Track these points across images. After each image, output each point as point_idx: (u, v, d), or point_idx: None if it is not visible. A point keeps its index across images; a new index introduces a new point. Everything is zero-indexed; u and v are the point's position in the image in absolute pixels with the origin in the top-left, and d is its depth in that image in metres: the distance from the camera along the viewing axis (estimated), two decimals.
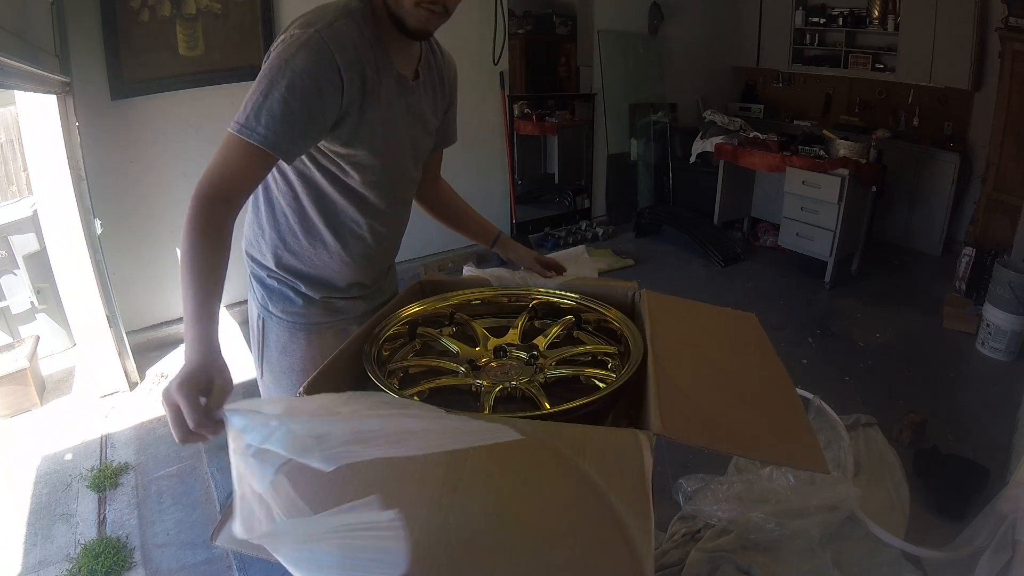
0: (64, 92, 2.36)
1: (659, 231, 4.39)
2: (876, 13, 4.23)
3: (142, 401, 2.59)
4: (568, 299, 1.15)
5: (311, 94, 0.89)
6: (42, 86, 2.12)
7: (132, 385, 2.69)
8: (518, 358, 1.03)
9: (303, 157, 1.00)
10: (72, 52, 2.46)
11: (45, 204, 2.42)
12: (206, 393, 0.71)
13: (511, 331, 1.11)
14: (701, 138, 4.37)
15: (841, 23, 4.46)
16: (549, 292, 1.17)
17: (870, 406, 2.24)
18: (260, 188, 1.08)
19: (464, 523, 0.61)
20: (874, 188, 3.46)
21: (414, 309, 1.10)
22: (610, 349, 1.03)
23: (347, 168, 1.03)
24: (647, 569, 0.56)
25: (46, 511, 2.01)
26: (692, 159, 4.45)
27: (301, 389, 0.84)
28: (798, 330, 3.04)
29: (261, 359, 1.17)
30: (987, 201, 3.45)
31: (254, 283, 1.15)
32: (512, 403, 0.91)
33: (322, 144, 0.99)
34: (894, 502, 1.80)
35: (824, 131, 3.99)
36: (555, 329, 1.09)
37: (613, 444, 0.69)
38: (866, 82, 4.44)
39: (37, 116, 2.29)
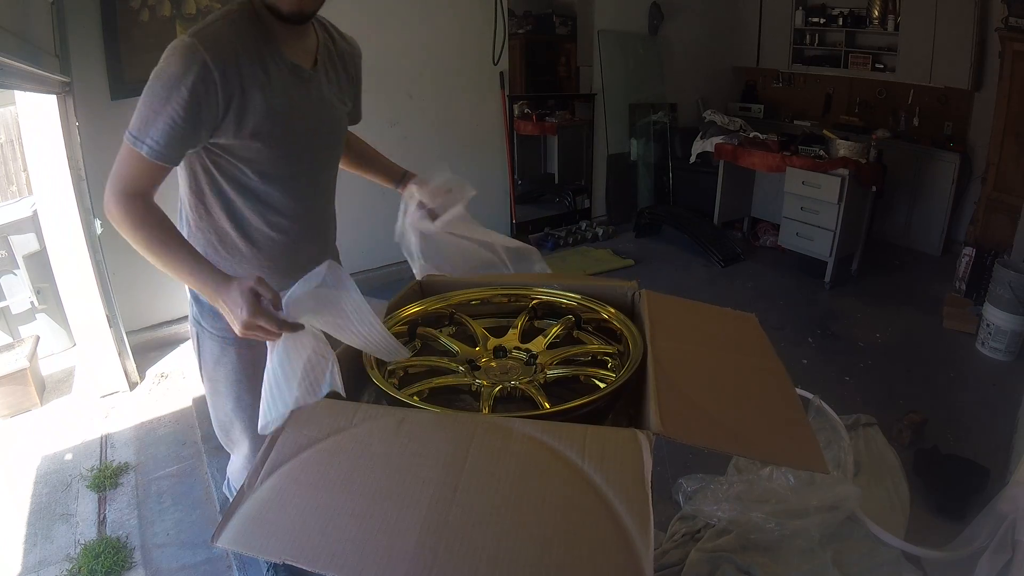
0: (64, 92, 2.36)
1: (659, 231, 4.39)
2: (876, 13, 4.23)
3: (142, 401, 2.60)
4: (568, 299, 1.15)
5: (188, 98, 0.93)
6: (42, 86, 2.12)
7: (132, 385, 2.69)
8: (518, 358, 1.03)
9: (202, 167, 1.05)
10: (72, 52, 2.46)
11: (45, 204, 2.42)
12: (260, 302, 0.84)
13: (511, 331, 1.11)
14: (701, 138, 4.37)
15: (841, 23, 4.45)
16: (549, 292, 1.17)
17: (870, 406, 2.24)
18: (180, 211, 1.13)
19: (464, 522, 0.61)
20: (874, 188, 3.46)
21: (413, 309, 1.10)
22: (610, 349, 1.03)
23: (243, 165, 1.04)
24: (647, 569, 0.56)
25: (46, 511, 2.01)
26: (692, 159, 4.45)
27: None
28: (798, 330, 3.04)
29: (200, 369, 1.23)
30: (987, 201, 3.45)
31: (190, 299, 1.19)
32: (512, 403, 0.91)
33: (216, 145, 1.01)
34: (894, 502, 1.80)
35: (824, 131, 3.99)
36: (555, 329, 1.09)
37: (613, 444, 0.69)
38: (866, 82, 4.44)
39: (37, 116, 2.29)
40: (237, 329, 0.85)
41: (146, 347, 2.94)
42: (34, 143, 2.33)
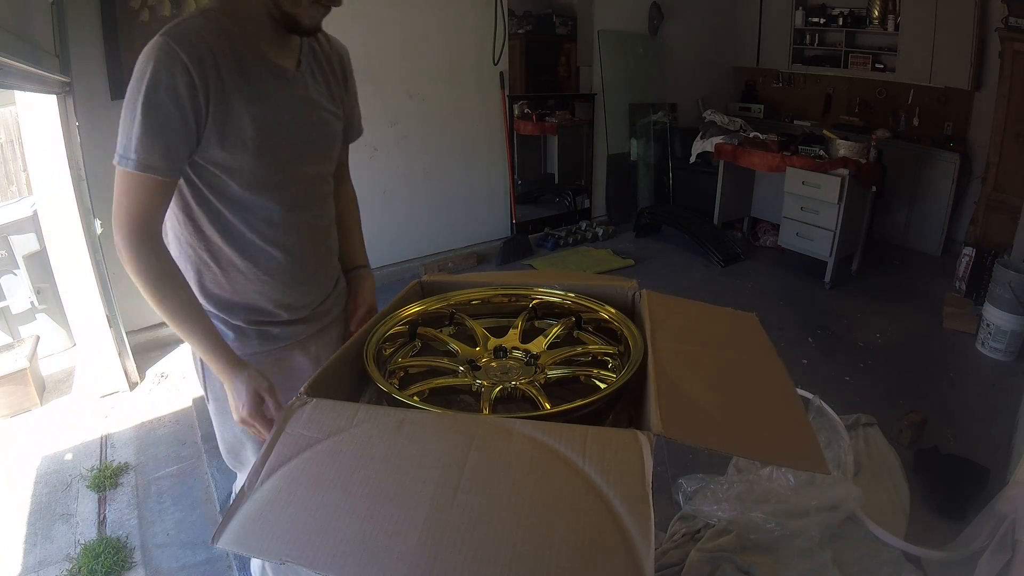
0: (64, 92, 2.36)
1: (659, 231, 4.39)
2: (876, 13, 4.23)
3: (142, 401, 2.60)
4: (568, 299, 1.15)
5: (171, 102, 0.87)
6: (42, 86, 2.12)
7: (132, 385, 2.69)
8: (518, 358, 1.03)
9: (187, 180, 0.96)
10: (72, 52, 2.46)
11: (45, 204, 2.43)
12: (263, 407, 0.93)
13: (511, 331, 1.11)
14: (701, 138, 4.37)
15: (841, 23, 4.46)
16: (550, 292, 1.17)
17: (870, 406, 2.24)
18: (167, 228, 1.03)
19: (464, 523, 0.61)
20: (874, 188, 3.46)
21: (414, 309, 1.10)
22: (610, 349, 1.03)
23: (228, 177, 0.96)
24: (647, 569, 0.56)
25: (46, 511, 2.01)
26: (692, 159, 4.45)
27: (303, 389, 0.84)
28: (798, 330, 3.04)
29: (205, 387, 1.14)
30: (987, 201, 3.45)
31: None
32: (512, 403, 0.91)
33: (200, 155, 0.94)
34: (894, 502, 1.80)
35: (824, 131, 3.99)
36: (555, 329, 1.09)
37: (613, 444, 0.69)
38: (866, 82, 4.45)
39: (37, 116, 2.29)
40: (235, 415, 0.93)
41: (146, 347, 2.94)
42: (34, 143, 2.33)
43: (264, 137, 0.96)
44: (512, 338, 1.09)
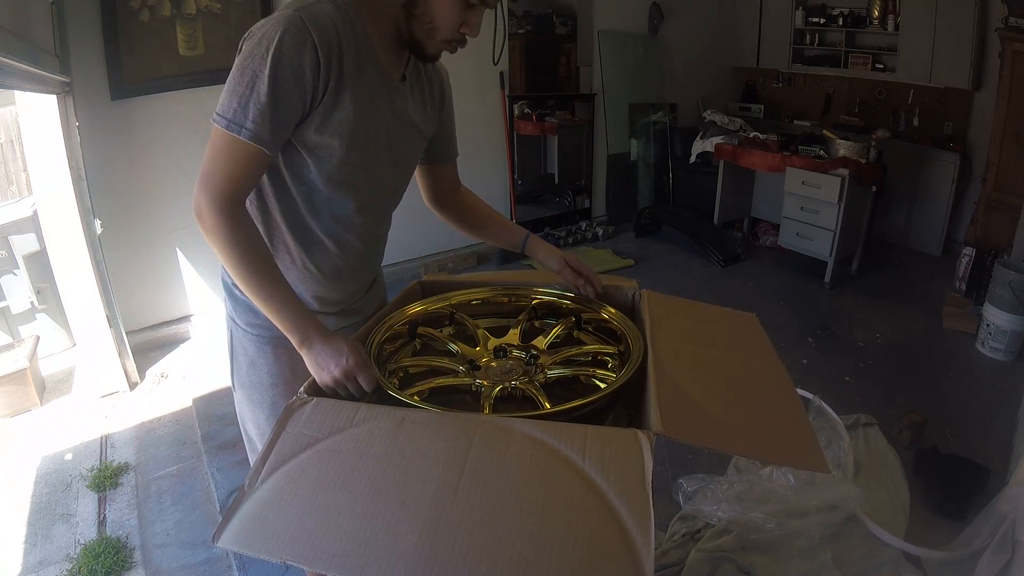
0: (64, 92, 2.37)
1: (659, 231, 4.39)
2: (876, 13, 4.23)
3: (142, 401, 2.60)
4: (567, 299, 1.15)
5: (294, 79, 0.85)
6: (42, 86, 2.12)
7: (132, 385, 2.69)
8: (518, 358, 1.03)
9: None
10: (72, 52, 2.46)
11: (45, 204, 2.43)
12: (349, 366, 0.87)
13: (511, 331, 1.11)
14: (701, 138, 4.37)
15: (841, 23, 4.45)
16: (549, 292, 1.17)
17: (870, 406, 2.24)
18: None
19: (464, 522, 0.61)
20: (874, 188, 3.46)
21: (414, 309, 1.10)
22: (610, 349, 1.04)
23: (314, 164, 0.96)
24: (647, 569, 0.56)
25: (46, 511, 2.01)
26: (692, 159, 4.45)
27: (302, 389, 0.84)
28: (798, 330, 3.04)
29: (232, 372, 1.14)
30: (987, 201, 3.45)
31: (225, 294, 1.11)
32: (512, 403, 0.91)
33: (293, 136, 0.93)
34: (894, 502, 1.80)
35: (824, 131, 3.99)
36: (556, 329, 1.09)
37: (614, 444, 0.69)
38: (866, 82, 4.44)
39: (37, 116, 2.29)
40: (326, 374, 0.87)
41: (146, 347, 2.94)
42: (34, 143, 2.33)
43: (359, 135, 0.96)
44: (512, 338, 1.09)
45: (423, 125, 1.09)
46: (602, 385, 0.93)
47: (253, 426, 1.15)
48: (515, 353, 1.05)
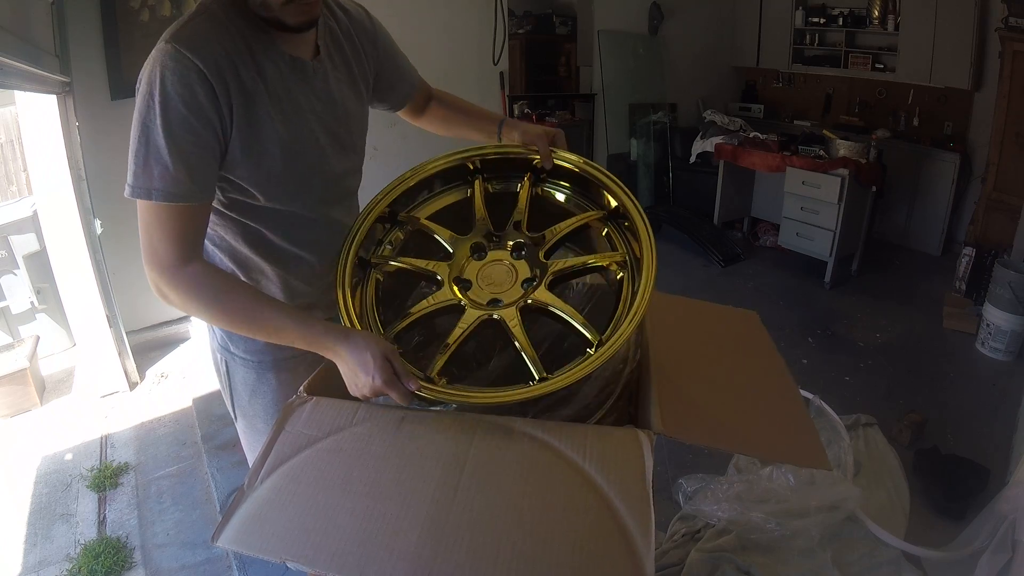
0: (64, 92, 2.37)
1: (659, 231, 4.39)
2: (876, 13, 4.23)
3: (142, 401, 2.59)
4: (570, 161, 1.01)
5: (192, 115, 0.77)
6: (42, 86, 2.12)
7: (132, 385, 2.69)
8: (508, 265, 0.92)
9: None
10: (72, 52, 2.46)
11: (45, 204, 2.43)
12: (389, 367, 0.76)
13: (516, 209, 0.98)
14: (701, 138, 4.37)
15: (841, 23, 4.45)
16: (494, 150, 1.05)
17: (870, 406, 2.24)
18: None
19: (465, 521, 0.61)
20: (874, 188, 3.46)
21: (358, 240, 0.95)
22: (616, 257, 0.95)
23: (253, 186, 0.88)
24: (648, 568, 0.56)
25: (46, 511, 2.01)
26: (692, 159, 4.45)
27: (302, 388, 0.84)
28: (798, 330, 3.04)
29: (232, 403, 1.07)
30: (987, 201, 3.45)
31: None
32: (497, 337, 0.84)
33: (223, 170, 0.85)
34: (894, 502, 1.80)
35: (824, 131, 3.98)
36: (522, 194, 0.98)
37: (614, 443, 0.69)
38: (866, 82, 4.44)
39: (37, 116, 2.29)
40: (356, 390, 0.78)
41: (146, 347, 2.94)
42: (34, 143, 2.33)
43: (291, 141, 0.88)
44: (517, 216, 0.97)
45: (356, 95, 1.01)
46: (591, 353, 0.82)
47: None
48: (497, 254, 0.94)
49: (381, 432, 0.72)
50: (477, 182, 1.02)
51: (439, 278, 0.91)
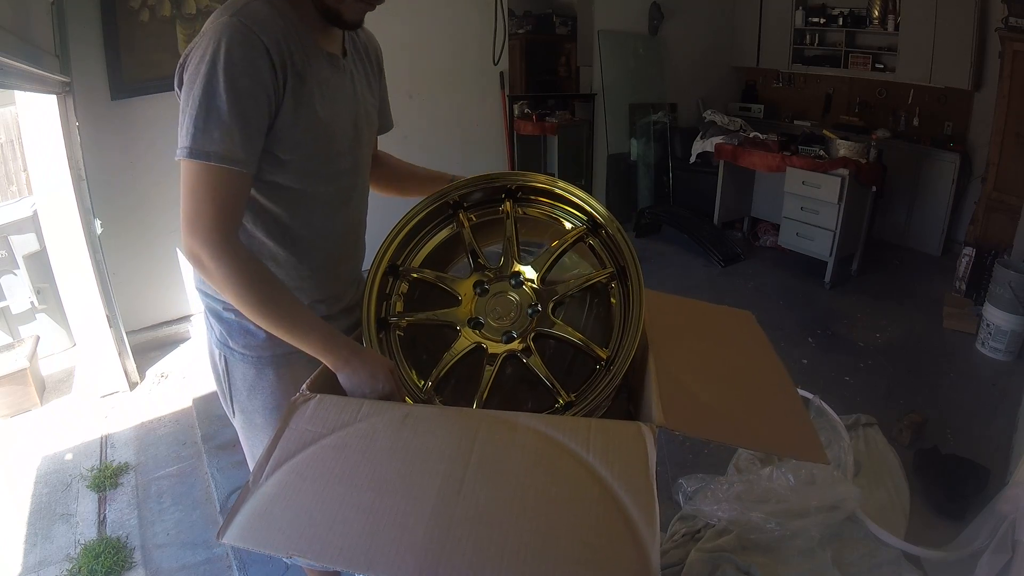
0: (64, 92, 2.37)
1: (659, 231, 4.39)
2: (876, 13, 4.23)
3: (142, 401, 2.59)
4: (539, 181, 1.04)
5: (254, 85, 0.81)
6: (42, 86, 2.12)
7: (132, 385, 2.69)
8: (504, 293, 0.99)
9: None
10: (72, 52, 2.46)
11: (45, 204, 2.43)
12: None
13: (506, 237, 1.03)
14: (701, 138, 4.37)
15: (841, 23, 4.46)
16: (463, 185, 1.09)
17: (870, 406, 2.24)
18: None
19: (470, 515, 0.61)
20: (874, 188, 3.46)
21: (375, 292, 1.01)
22: (607, 272, 0.98)
23: (285, 166, 0.91)
24: (653, 559, 0.56)
25: (46, 511, 2.00)
26: (692, 159, 4.45)
27: (305, 385, 0.84)
28: (798, 330, 3.04)
29: (230, 400, 1.08)
30: (987, 201, 3.45)
31: (210, 318, 1.03)
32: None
33: (265, 146, 0.88)
34: (894, 502, 1.80)
35: (824, 131, 3.99)
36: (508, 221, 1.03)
37: (617, 437, 0.69)
38: (866, 82, 4.45)
39: (37, 116, 2.29)
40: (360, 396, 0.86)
41: (146, 347, 2.94)
42: (34, 143, 2.33)
43: (329, 125, 0.93)
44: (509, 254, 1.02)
45: (370, 95, 1.07)
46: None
47: (259, 450, 1.07)
48: (499, 286, 0.99)
49: (385, 428, 0.72)
50: (461, 214, 1.07)
51: (457, 329, 0.97)
